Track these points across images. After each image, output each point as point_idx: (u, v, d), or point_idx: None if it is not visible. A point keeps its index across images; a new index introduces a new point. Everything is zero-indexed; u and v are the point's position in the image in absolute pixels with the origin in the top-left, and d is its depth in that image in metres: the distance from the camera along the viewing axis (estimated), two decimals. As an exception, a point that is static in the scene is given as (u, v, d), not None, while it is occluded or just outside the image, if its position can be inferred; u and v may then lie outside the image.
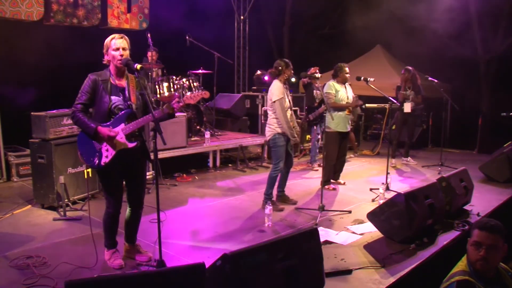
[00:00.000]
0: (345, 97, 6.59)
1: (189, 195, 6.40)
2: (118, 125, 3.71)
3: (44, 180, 5.49)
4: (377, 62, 12.36)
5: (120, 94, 3.75)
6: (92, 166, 3.72)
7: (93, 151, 3.70)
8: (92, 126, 3.61)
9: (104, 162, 3.69)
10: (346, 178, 7.28)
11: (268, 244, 3.17)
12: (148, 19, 9.74)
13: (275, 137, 5.59)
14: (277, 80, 5.62)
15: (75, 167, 5.72)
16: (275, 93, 5.52)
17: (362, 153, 9.90)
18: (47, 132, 5.40)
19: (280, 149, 5.60)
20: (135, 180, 3.95)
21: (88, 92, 3.65)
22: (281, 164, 5.62)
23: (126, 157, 3.77)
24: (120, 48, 3.68)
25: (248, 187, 6.88)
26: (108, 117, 3.69)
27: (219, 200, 6.20)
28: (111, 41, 3.70)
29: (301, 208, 5.74)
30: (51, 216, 5.31)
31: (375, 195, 6.27)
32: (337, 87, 6.55)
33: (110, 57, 3.71)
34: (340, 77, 6.62)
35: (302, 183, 7.17)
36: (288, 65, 5.60)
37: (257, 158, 9.07)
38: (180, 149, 7.39)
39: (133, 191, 3.98)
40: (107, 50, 3.71)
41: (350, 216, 5.48)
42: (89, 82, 3.66)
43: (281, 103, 5.48)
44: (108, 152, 3.70)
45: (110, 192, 3.84)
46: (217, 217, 5.44)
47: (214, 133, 8.73)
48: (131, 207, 4.03)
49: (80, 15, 8.42)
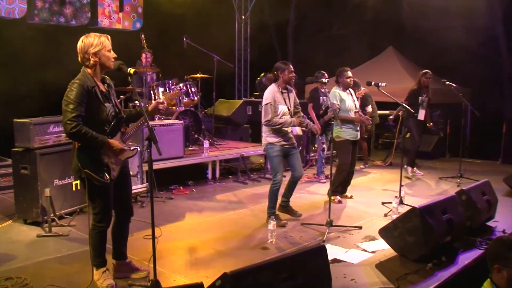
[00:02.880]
0: (353, 106, 6.58)
1: (186, 209, 6.39)
2: (117, 134, 3.75)
3: (28, 192, 5.47)
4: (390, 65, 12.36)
5: (109, 101, 3.77)
6: (103, 182, 3.68)
7: (102, 166, 3.69)
8: (102, 139, 3.60)
9: (113, 176, 3.73)
10: (356, 190, 7.25)
11: (271, 263, 3.16)
12: (142, 19, 9.80)
13: (267, 147, 5.64)
14: (273, 85, 5.66)
15: (63, 178, 5.72)
16: (263, 97, 5.60)
17: (373, 164, 9.88)
18: (31, 140, 5.39)
19: (274, 159, 5.61)
20: (124, 186, 3.98)
21: (82, 101, 3.55)
22: (279, 176, 5.62)
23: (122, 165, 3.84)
24: (111, 49, 3.70)
25: (250, 201, 6.86)
26: (103, 127, 3.69)
27: (218, 214, 6.19)
28: (106, 40, 3.68)
29: (307, 223, 5.72)
30: (34, 232, 5.29)
31: (388, 210, 6.23)
32: (342, 95, 6.53)
33: (104, 58, 3.67)
34: (341, 82, 6.61)
35: (308, 197, 7.15)
36: (284, 69, 5.59)
37: (260, 169, 9.05)
38: (176, 159, 7.38)
39: (123, 198, 3.98)
40: (100, 50, 3.64)
41: (361, 232, 5.44)
42: (81, 90, 3.56)
43: (269, 108, 5.48)
44: (115, 165, 3.74)
45: (106, 206, 3.82)
46: (216, 233, 5.42)
47: (213, 142, 8.73)
48: (121, 217, 4.03)
49: (68, 13, 8.45)
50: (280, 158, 5.62)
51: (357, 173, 8.86)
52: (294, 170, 5.77)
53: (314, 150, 9.46)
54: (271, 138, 5.60)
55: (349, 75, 6.56)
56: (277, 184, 5.62)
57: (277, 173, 5.62)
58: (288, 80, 5.64)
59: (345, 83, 6.57)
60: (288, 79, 5.63)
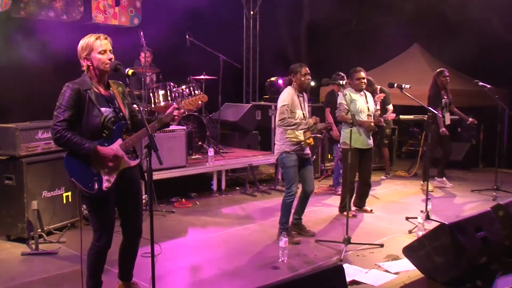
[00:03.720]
0: (365, 107, 6.58)
1: (188, 224, 6.40)
2: (115, 141, 3.72)
3: (12, 205, 5.46)
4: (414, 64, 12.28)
5: (110, 105, 3.77)
6: (91, 193, 3.66)
7: (90, 174, 3.66)
8: (88, 146, 3.58)
9: (106, 187, 3.68)
10: (377, 204, 7.24)
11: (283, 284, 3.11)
12: (141, 14, 9.82)
13: (282, 156, 5.65)
14: (289, 87, 5.73)
15: (52, 190, 5.71)
16: (280, 99, 5.66)
17: (396, 174, 9.84)
18: (17, 147, 5.38)
19: (290, 170, 5.63)
20: (132, 203, 3.95)
21: (72, 105, 3.58)
22: (294, 187, 5.65)
23: (124, 178, 3.78)
24: (107, 50, 3.71)
25: (259, 215, 6.86)
26: (100, 133, 3.69)
27: (224, 230, 6.19)
28: (95, 41, 3.71)
29: (323, 240, 5.70)
30: (19, 250, 5.27)
31: (413, 226, 6.20)
32: (353, 96, 6.56)
33: (95, 61, 3.70)
34: (351, 84, 6.66)
35: (323, 210, 7.14)
36: (297, 71, 5.66)
37: (270, 180, 9.04)
38: (178, 169, 7.39)
39: (130, 217, 3.97)
40: (89, 53, 3.70)
41: (382, 251, 5.42)
42: (70, 93, 3.59)
43: (286, 110, 5.54)
44: (110, 175, 3.70)
45: (104, 222, 3.80)
46: (222, 251, 5.42)
47: (218, 150, 8.73)
48: (128, 237, 4.02)
49: (58, 7, 8.46)
50: (296, 169, 5.66)
51: (378, 184, 8.84)
52: (306, 183, 5.79)
53: (330, 159, 9.41)
54: (287, 146, 5.60)
55: (359, 76, 6.57)
56: (291, 196, 5.65)
57: (292, 184, 5.64)
58: (301, 84, 5.68)
59: (355, 85, 6.60)
60: (301, 83, 5.67)
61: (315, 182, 8.83)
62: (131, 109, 3.93)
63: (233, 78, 11.28)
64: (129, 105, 3.92)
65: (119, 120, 3.78)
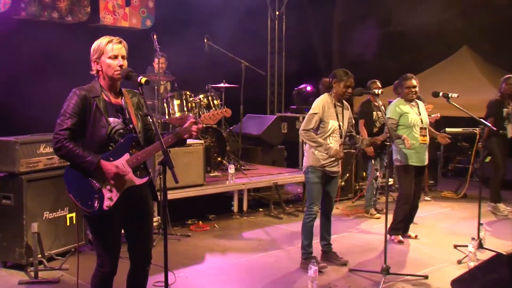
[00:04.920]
0: (418, 120, 6.51)
1: (206, 250, 6.41)
2: (121, 155, 3.71)
3: (9, 228, 5.48)
4: (464, 70, 12.18)
5: (119, 115, 3.78)
6: (90, 212, 3.67)
7: (91, 191, 3.66)
8: (91, 160, 3.58)
9: (108, 205, 3.67)
10: (420, 229, 7.17)
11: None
12: (154, 15, 9.89)
13: (308, 170, 5.72)
14: (326, 94, 5.76)
15: (54, 210, 5.74)
16: (312, 106, 5.69)
17: (442, 195, 9.74)
18: (16, 163, 5.41)
19: (314, 187, 5.67)
20: (141, 227, 3.94)
21: (76, 113, 3.60)
22: (315, 207, 5.69)
23: (131, 197, 3.77)
24: (119, 55, 3.73)
25: (285, 240, 6.84)
26: (106, 146, 3.70)
27: (246, 256, 6.18)
28: (107, 45, 3.73)
29: (357, 270, 5.67)
30: (16, 278, 5.29)
31: (463, 255, 6.09)
32: (404, 108, 6.51)
33: (104, 67, 3.73)
34: (400, 93, 6.64)
35: (357, 236, 7.12)
36: (342, 80, 5.67)
37: (297, 201, 9.02)
38: (195, 187, 7.41)
39: (138, 241, 3.96)
40: (99, 57, 3.73)
41: (427, 283, 5.35)
42: (76, 99, 3.62)
43: (314, 119, 5.54)
44: (112, 193, 3.69)
45: (108, 246, 3.81)
46: (243, 280, 5.41)
47: (240, 166, 8.75)
48: (136, 264, 4.01)
49: (63, 7, 8.57)
50: (320, 186, 5.70)
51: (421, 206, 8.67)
52: (326, 201, 5.82)
53: (364, 178, 9.33)
54: (314, 161, 5.62)
55: (409, 84, 6.52)
56: (312, 216, 5.68)
57: (314, 203, 5.69)
58: (342, 94, 5.71)
59: (404, 94, 6.54)
60: (341, 94, 5.70)
61: (348, 203, 8.87)
62: (146, 122, 3.94)
63: (256, 86, 11.29)
64: (143, 118, 3.92)
65: (128, 132, 3.78)
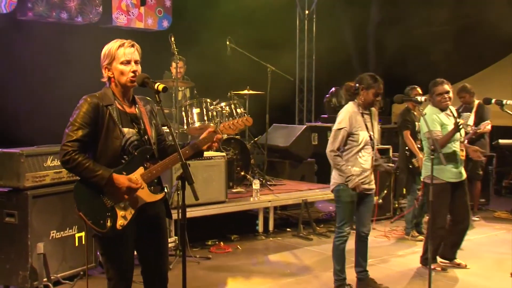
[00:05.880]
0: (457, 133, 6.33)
1: (228, 274, 6.41)
2: (135, 169, 3.73)
3: (13, 248, 5.50)
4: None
5: (134, 125, 3.80)
6: (102, 232, 3.66)
7: (103, 209, 3.67)
8: (102, 173, 3.59)
9: (121, 224, 3.67)
10: (468, 255, 7.01)
11: None
12: (171, 16, 9.93)
13: (339, 188, 5.65)
14: (351, 103, 5.71)
15: (62, 229, 5.75)
16: (337, 120, 5.66)
17: (495, 215, 9.60)
18: (21, 177, 5.44)
19: (346, 206, 5.64)
20: (155, 246, 3.95)
21: (87, 123, 3.62)
22: (347, 228, 5.66)
23: (145, 215, 3.79)
24: (131, 60, 3.75)
25: (315, 264, 6.82)
26: (119, 159, 3.71)
27: (272, 281, 6.16)
28: (118, 50, 3.76)
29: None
30: (20, 304, 5.35)
31: (520, 285, 6.01)
32: (443, 119, 6.33)
33: (116, 73, 3.76)
34: (431, 100, 6.48)
35: (398, 261, 7.03)
36: (370, 86, 5.58)
37: (329, 220, 8.97)
38: (216, 205, 7.42)
39: (152, 263, 3.97)
40: (110, 63, 3.76)
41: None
42: (87, 108, 3.63)
43: (340, 135, 5.53)
44: (126, 211, 3.70)
45: (120, 269, 3.81)
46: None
47: (265, 182, 8.70)
48: (149, 287, 4.00)
49: (72, 7, 8.67)
50: (353, 206, 5.65)
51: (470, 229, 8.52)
52: (361, 223, 5.79)
53: (405, 195, 9.18)
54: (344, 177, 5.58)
55: (441, 90, 6.31)
56: (343, 238, 5.66)
57: (346, 223, 5.66)
58: (371, 103, 5.66)
59: (436, 102, 6.36)
60: (370, 102, 5.64)
61: (387, 224, 8.73)
62: (160, 132, 3.97)
63: (283, 93, 11.24)
64: (157, 127, 3.94)
65: (143, 144, 3.79)
